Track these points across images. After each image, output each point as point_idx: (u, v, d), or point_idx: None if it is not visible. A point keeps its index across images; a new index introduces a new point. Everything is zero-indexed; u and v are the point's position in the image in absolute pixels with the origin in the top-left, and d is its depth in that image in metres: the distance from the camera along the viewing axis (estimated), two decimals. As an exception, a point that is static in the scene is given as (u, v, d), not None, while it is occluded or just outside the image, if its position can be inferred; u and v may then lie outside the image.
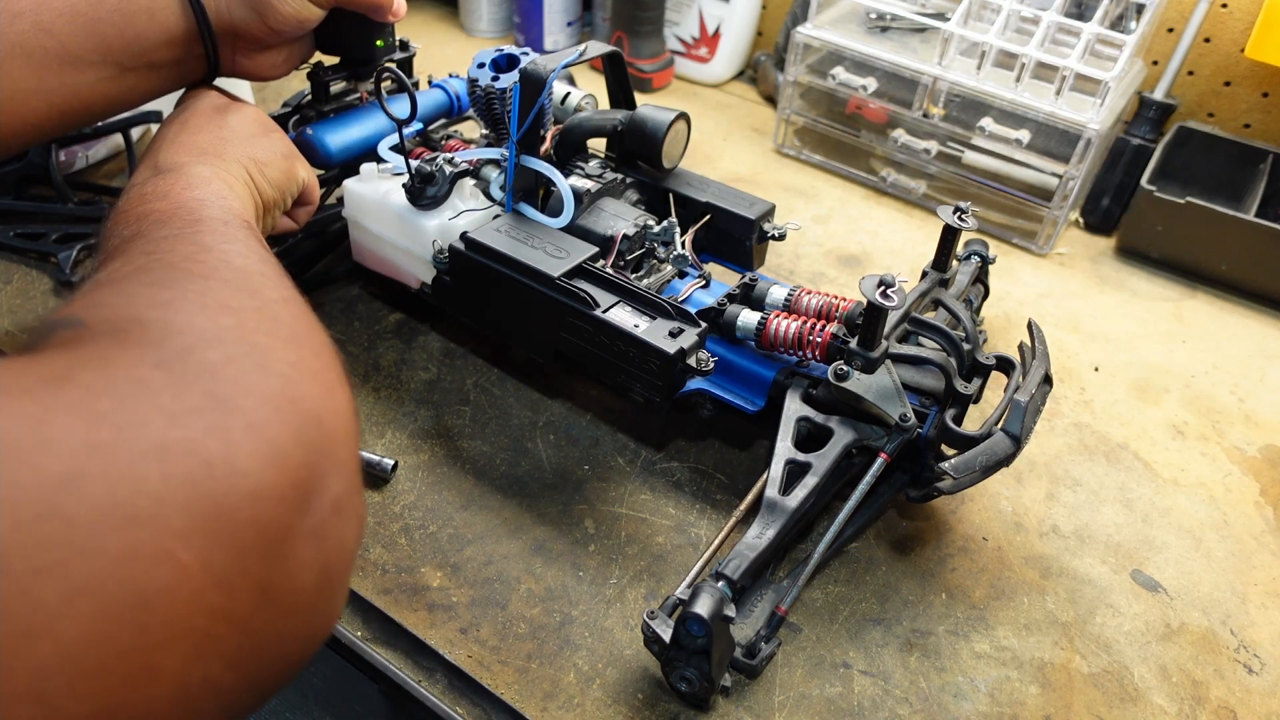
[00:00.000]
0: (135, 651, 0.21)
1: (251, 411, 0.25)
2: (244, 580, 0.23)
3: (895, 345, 0.55)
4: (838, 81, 0.92)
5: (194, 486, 0.22)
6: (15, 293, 0.71)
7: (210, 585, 0.22)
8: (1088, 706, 0.50)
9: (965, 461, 0.50)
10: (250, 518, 0.23)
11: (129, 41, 0.55)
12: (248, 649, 0.24)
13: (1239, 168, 0.91)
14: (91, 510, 0.20)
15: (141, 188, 0.48)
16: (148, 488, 0.21)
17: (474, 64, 0.65)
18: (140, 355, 0.25)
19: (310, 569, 0.25)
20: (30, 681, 0.19)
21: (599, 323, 0.55)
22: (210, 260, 0.35)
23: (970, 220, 0.59)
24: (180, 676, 0.22)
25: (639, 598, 0.54)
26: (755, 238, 0.66)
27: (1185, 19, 0.88)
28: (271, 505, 0.24)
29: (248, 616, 0.23)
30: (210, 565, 0.22)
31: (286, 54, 0.65)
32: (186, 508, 0.22)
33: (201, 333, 0.28)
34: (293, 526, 0.24)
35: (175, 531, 0.21)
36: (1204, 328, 0.81)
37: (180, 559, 0.21)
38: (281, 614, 0.24)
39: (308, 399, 0.27)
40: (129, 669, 0.21)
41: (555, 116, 0.70)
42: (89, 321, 0.29)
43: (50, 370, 0.23)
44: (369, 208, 0.65)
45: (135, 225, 0.42)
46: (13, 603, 0.19)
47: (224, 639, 0.23)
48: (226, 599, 0.22)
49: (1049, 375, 0.55)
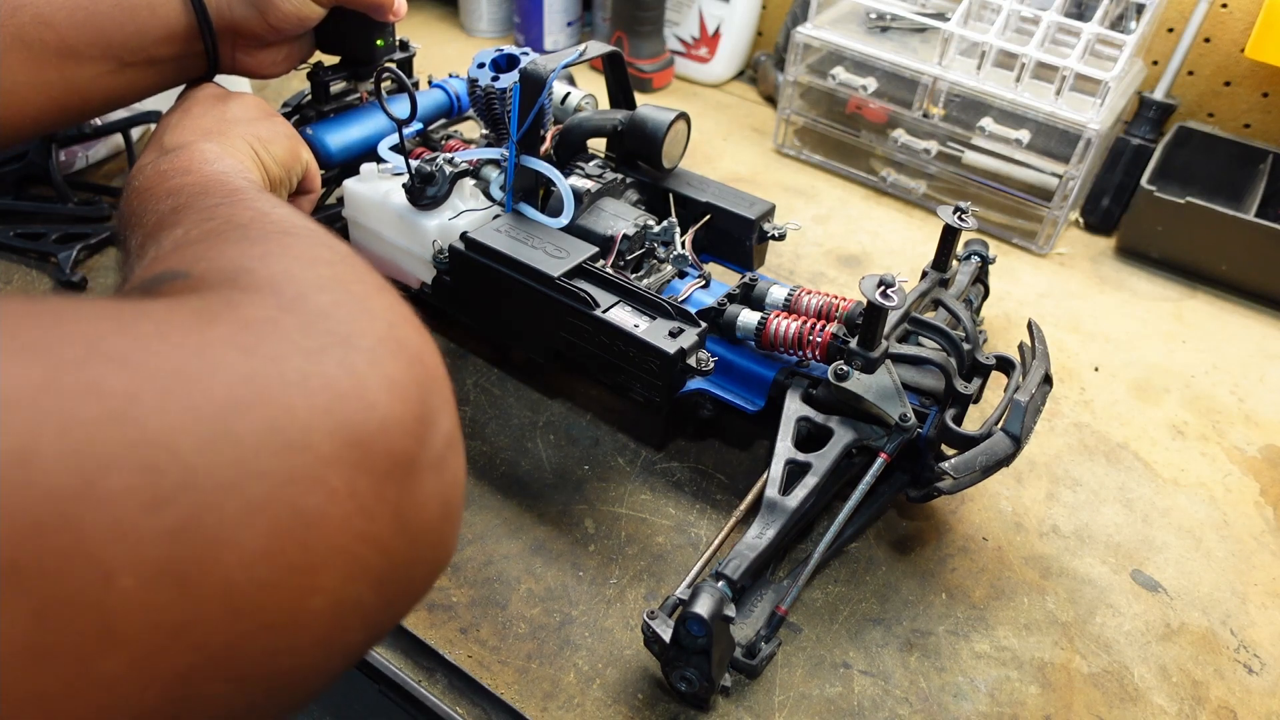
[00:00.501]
0: (301, 568, 0.22)
1: (370, 350, 0.26)
2: (382, 506, 0.24)
3: (895, 345, 0.55)
4: (838, 81, 0.92)
5: (334, 416, 0.23)
6: (15, 292, 0.71)
7: (355, 510, 0.23)
8: (1088, 706, 0.50)
9: (965, 461, 0.50)
10: (384, 447, 0.24)
11: (129, 36, 0.55)
12: (388, 572, 0.25)
13: (1239, 168, 0.91)
14: (257, 435, 0.22)
15: (156, 165, 0.48)
16: (299, 416, 0.23)
17: (474, 64, 0.65)
18: (264, 298, 0.27)
19: (434, 499, 0.26)
20: (220, 590, 0.20)
21: (599, 322, 0.55)
22: (275, 219, 0.36)
23: (970, 220, 0.59)
24: (335, 594, 0.23)
25: (639, 598, 0.54)
26: (755, 238, 0.66)
27: (1185, 19, 0.88)
28: (399, 436, 0.25)
29: (387, 541, 0.24)
30: (355, 491, 0.23)
31: (287, 52, 0.65)
32: (331, 435, 0.23)
33: (307, 280, 0.29)
34: (417, 457, 0.26)
35: (325, 458, 0.23)
36: (1204, 328, 0.81)
37: (331, 483, 0.23)
38: (413, 540, 0.26)
39: (412, 340, 0.28)
40: (296, 583, 0.22)
41: (555, 116, 0.70)
42: (194, 272, 0.30)
43: (194, 311, 0.25)
44: (369, 208, 0.65)
45: (171, 199, 0.43)
46: (204, 515, 0.20)
47: (369, 561, 0.24)
48: (369, 523, 0.24)
49: (1049, 375, 0.55)
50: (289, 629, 0.22)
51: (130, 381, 0.20)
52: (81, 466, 0.19)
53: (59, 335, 0.21)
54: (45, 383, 0.19)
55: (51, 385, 0.19)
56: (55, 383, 0.19)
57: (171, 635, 0.19)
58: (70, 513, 0.18)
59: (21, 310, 0.21)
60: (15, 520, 0.17)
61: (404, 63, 0.73)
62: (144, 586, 0.19)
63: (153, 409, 0.20)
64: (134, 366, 0.21)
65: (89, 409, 0.19)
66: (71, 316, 0.22)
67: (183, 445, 0.20)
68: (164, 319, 0.24)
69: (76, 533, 0.18)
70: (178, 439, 0.20)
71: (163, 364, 0.21)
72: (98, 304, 0.23)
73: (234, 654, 0.21)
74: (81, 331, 0.21)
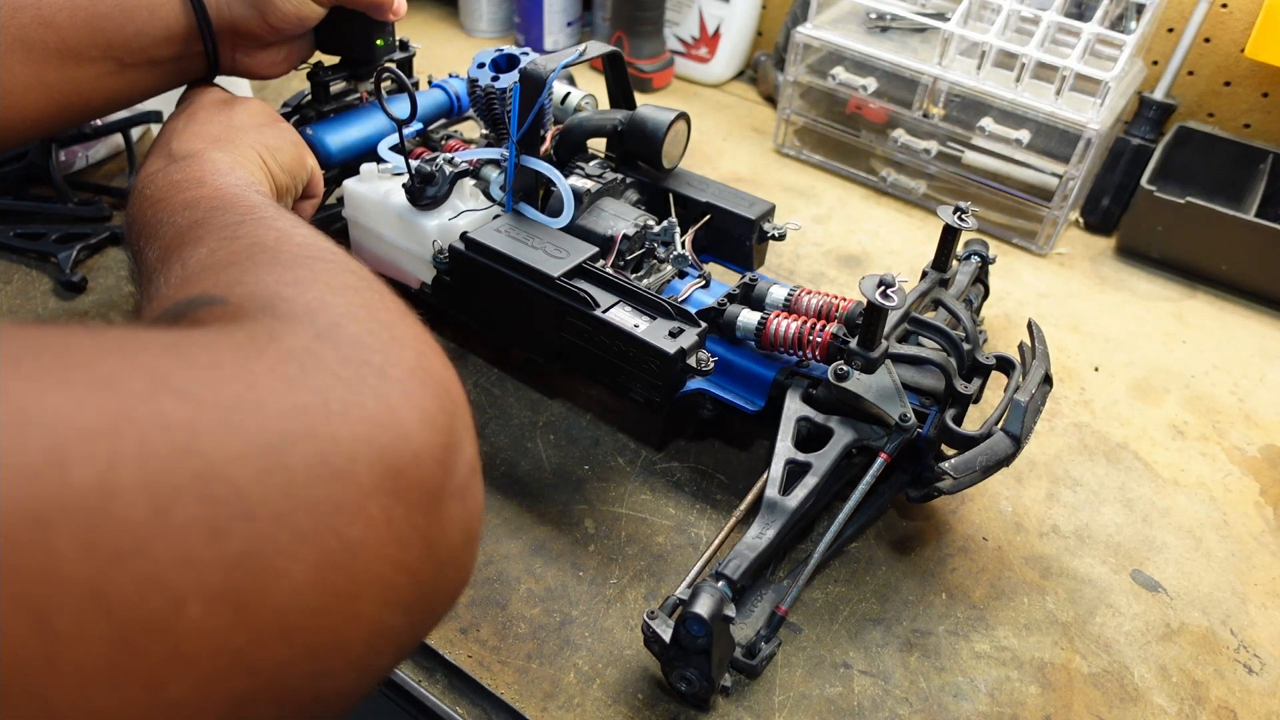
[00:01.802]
0: (343, 596, 0.23)
1: (402, 381, 0.27)
2: (415, 535, 0.25)
3: (895, 345, 0.55)
4: (838, 81, 0.92)
5: (374, 446, 0.24)
6: (15, 293, 0.71)
7: (390, 539, 0.24)
8: (1088, 706, 0.50)
9: (965, 462, 0.50)
10: (416, 477, 0.25)
11: (129, 37, 0.55)
12: (417, 597, 0.26)
13: (1239, 168, 0.91)
14: (307, 466, 0.22)
15: (167, 174, 0.48)
16: (344, 447, 0.23)
17: (474, 64, 0.65)
18: (302, 329, 0.27)
19: (458, 525, 0.27)
20: (273, 617, 0.21)
21: (599, 323, 0.55)
22: (299, 243, 0.37)
23: (970, 220, 0.59)
24: (372, 620, 0.24)
25: (639, 598, 0.54)
26: (755, 238, 0.66)
27: (1185, 19, 0.88)
28: (430, 465, 0.26)
29: (417, 568, 0.25)
30: (391, 520, 0.24)
31: (287, 52, 0.65)
32: (371, 466, 0.24)
33: (339, 309, 0.29)
34: (445, 486, 0.26)
35: (366, 488, 0.24)
36: (1204, 328, 0.81)
37: (370, 513, 0.23)
38: (439, 566, 0.26)
39: (437, 369, 0.29)
40: (340, 610, 0.23)
41: (555, 116, 0.70)
42: (230, 299, 0.30)
43: (238, 342, 0.25)
44: (369, 208, 0.65)
45: (189, 211, 0.43)
46: (261, 545, 0.21)
47: (401, 588, 0.25)
48: (403, 551, 0.24)
49: (1049, 375, 0.55)
50: (331, 653, 0.23)
51: (194, 414, 0.21)
52: (155, 497, 0.19)
53: (129, 369, 0.21)
54: (120, 416, 0.20)
55: (126, 418, 0.20)
56: (129, 416, 0.20)
57: (231, 660, 0.20)
58: (146, 542, 0.19)
59: (90, 343, 0.22)
60: (101, 548, 0.18)
61: (404, 63, 0.73)
62: (208, 613, 0.20)
63: (214, 442, 0.21)
64: (194, 400, 0.22)
65: (160, 442, 0.20)
66: (135, 349, 0.22)
67: (241, 477, 0.21)
68: (216, 350, 0.24)
69: (152, 561, 0.19)
70: (236, 470, 0.21)
71: (220, 396, 0.22)
72: (156, 336, 0.24)
73: (282, 678, 0.22)
74: (147, 365, 0.22)
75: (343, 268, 0.34)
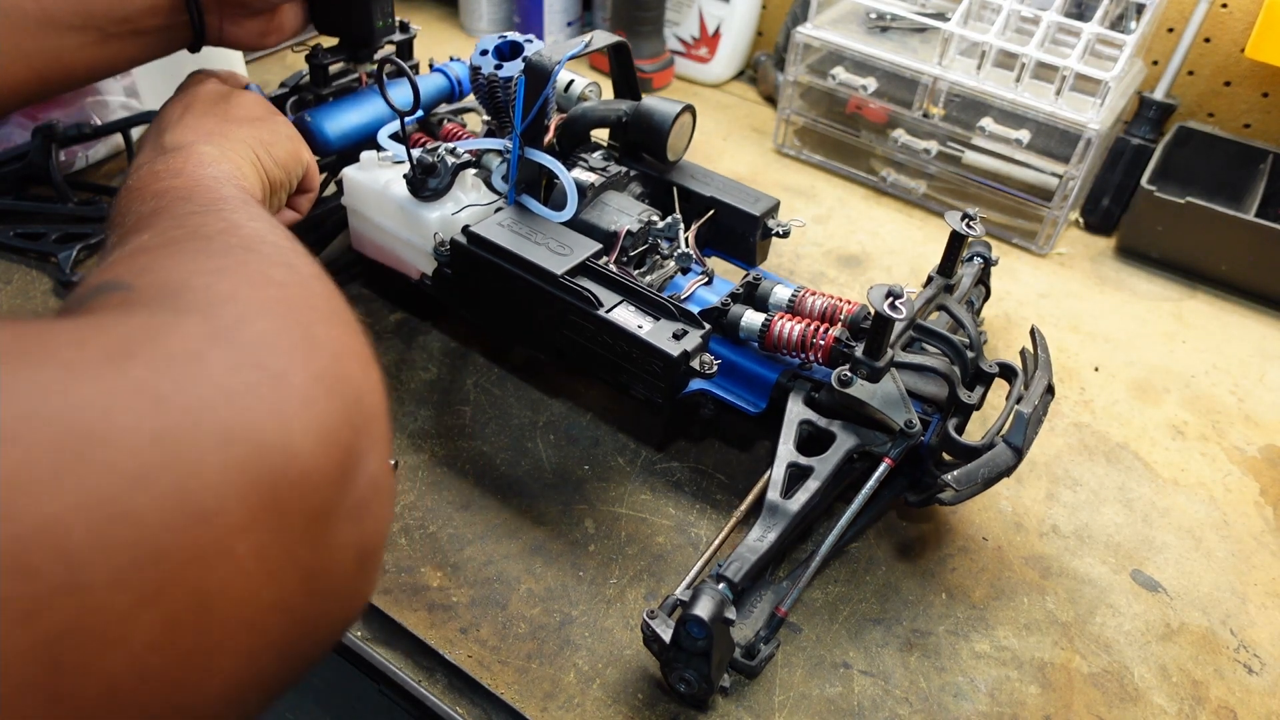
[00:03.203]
0: (195, 654, 0.20)
1: (305, 389, 0.24)
2: (293, 568, 0.23)
3: (901, 354, 0.54)
4: (838, 81, 0.92)
5: (249, 473, 0.22)
6: (15, 293, 0.71)
7: (264, 579, 0.22)
8: (1088, 706, 0.50)
9: (967, 473, 0.50)
10: (299, 502, 0.23)
11: (112, 6, 0.54)
12: (293, 636, 0.23)
13: (1239, 168, 0.91)
14: (160, 510, 0.20)
15: (152, 166, 0.47)
16: (210, 480, 0.21)
17: (476, 50, 0.64)
18: (194, 326, 0.25)
19: (350, 549, 0.25)
20: (103, 692, 0.19)
21: (602, 322, 0.55)
22: (243, 234, 0.35)
23: (978, 228, 0.59)
24: (233, 672, 0.22)
25: (639, 598, 0.54)
26: (759, 234, 0.66)
27: (1185, 19, 0.88)
28: (319, 486, 0.23)
29: (295, 605, 0.23)
30: (264, 558, 0.22)
31: (276, 22, 0.64)
32: (243, 498, 0.21)
33: (250, 303, 0.27)
34: (336, 507, 0.24)
35: (234, 526, 0.21)
36: (1204, 328, 0.81)
37: (238, 555, 0.21)
38: (323, 598, 0.24)
39: (351, 376, 0.27)
40: (188, 670, 0.20)
41: (559, 104, 0.70)
42: (136, 285, 0.28)
43: (110, 343, 0.22)
44: (369, 197, 0.64)
45: (154, 201, 0.42)
46: (93, 616, 0.18)
47: (272, 629, 0.22)
48: (277, 590, 0.22)
49: (1051, 385, 0.55)
50: (178, 716, 0.20)
51: (15, 454, 0.17)
52: None
53: None
54: None
55: None
56: None
57: None
58: None
59: None
60: None
61: (404, 44, 0.72)
62: (6, 707, 0.17)
63: (39, 494, 0.18)
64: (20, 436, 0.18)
65: None
66: None
67: (72, 536, 0.18)
68: (72, 358, 0.21)
69: None
70: (66, 528, 0.18)
71: (59, 425, 0.19)
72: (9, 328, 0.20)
73: None
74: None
75: (276, 260, 0.31)
